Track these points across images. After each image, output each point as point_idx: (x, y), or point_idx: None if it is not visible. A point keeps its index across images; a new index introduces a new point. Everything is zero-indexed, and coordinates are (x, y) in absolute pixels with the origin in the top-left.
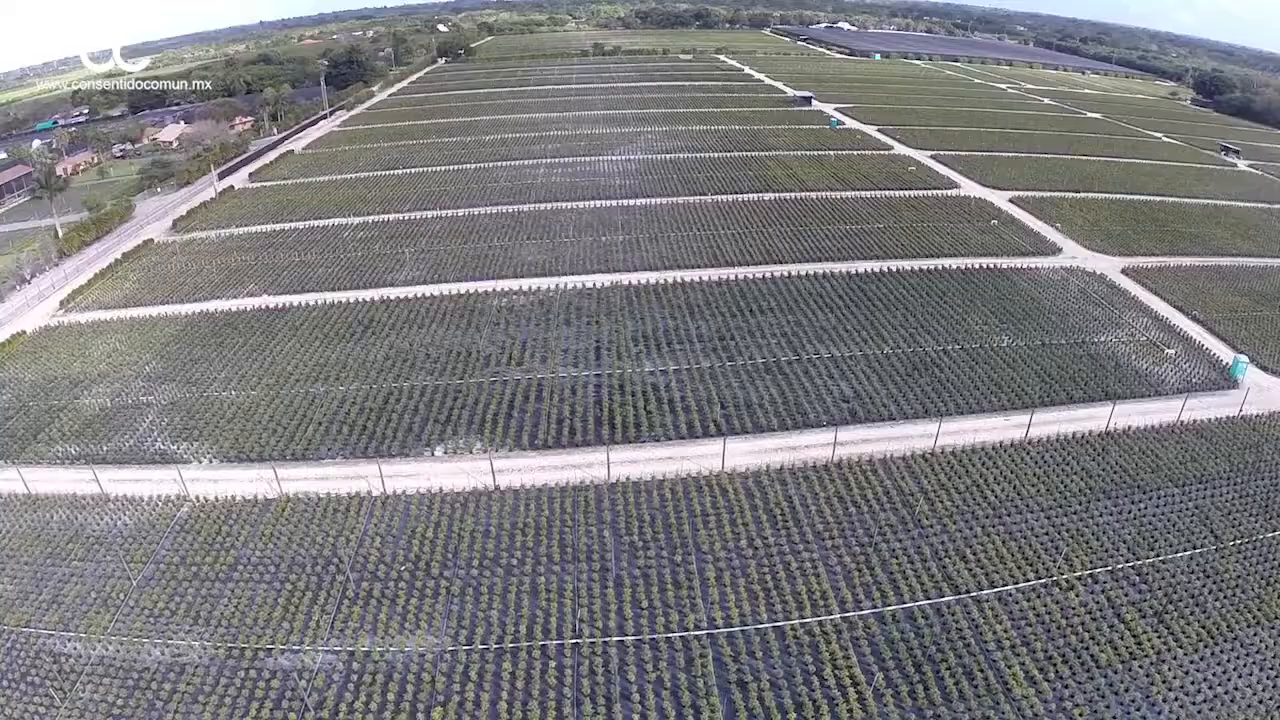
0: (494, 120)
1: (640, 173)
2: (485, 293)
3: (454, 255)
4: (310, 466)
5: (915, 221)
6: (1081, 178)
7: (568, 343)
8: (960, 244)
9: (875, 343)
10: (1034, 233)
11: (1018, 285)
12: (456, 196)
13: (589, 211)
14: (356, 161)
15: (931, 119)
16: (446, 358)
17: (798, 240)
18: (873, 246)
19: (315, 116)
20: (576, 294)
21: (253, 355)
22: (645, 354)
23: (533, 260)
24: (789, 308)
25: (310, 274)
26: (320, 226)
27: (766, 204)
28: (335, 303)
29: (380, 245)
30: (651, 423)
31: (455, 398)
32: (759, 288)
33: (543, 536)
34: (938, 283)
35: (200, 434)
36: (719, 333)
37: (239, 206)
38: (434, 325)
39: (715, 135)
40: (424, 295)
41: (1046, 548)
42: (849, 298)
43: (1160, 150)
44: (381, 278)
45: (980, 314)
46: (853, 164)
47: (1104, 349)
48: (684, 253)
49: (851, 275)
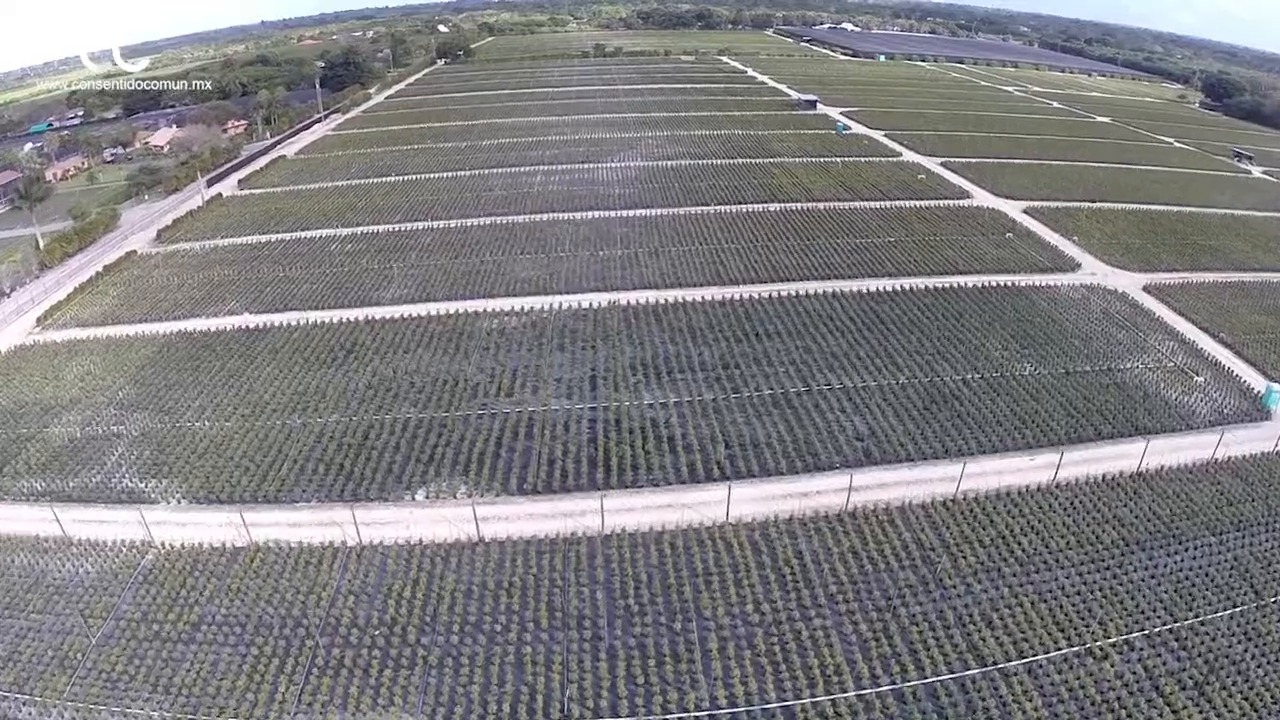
0: (491, 124)
1: (641, 181)
2: (475, 313)
3: (444, 271)
4: (283, 510)
5: (927, 234)
6: (1096, 186)
7: (561, 371)
8: (975, 259)
9: (890, 371)
10: (1051, 247)
11: (1037, 305)
12: (449, 206)
13: (587, 223)
14: (349, 168)
15: (939, 123)
16: (432, 387)
17: (805, 255)
18: (884, 262)
19: (310, 120)
20: (572, 315)
21: (230, 381)
22: (644, 384)
23: (527, 277)
24: (797, 331)
25: (294, 291)
26: (307, 238)
27: (772, 215)
28: (318, 323)
29: (368, 259)
30: (650, 464)
31: (440, 433)
32: (765, 308)
33: (530, 598)
34: (954, 303)
35: (170, 470)
36: (723, 360)
37: (226, 216)
38: (420, 350)
39: (718, 140)
40: (411, 315)
41: (1079, 610)
42: (861, 320)
43: (1172, 156)
44: (368, 295)
45: (1000, 338)
46: (860, 171)
47: (1131, 377)
48: (685, 269)
49: (863, 295)
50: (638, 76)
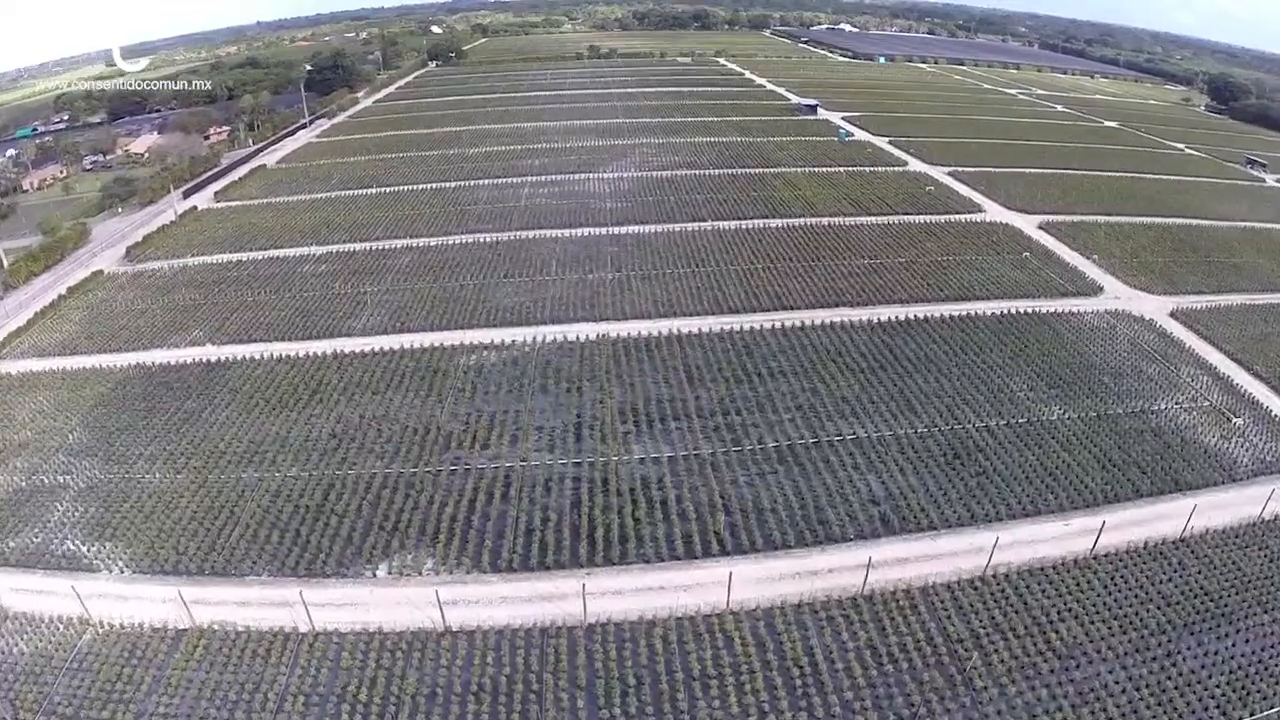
0: (479, 131)
1: (634, 193)
2: (452, 347)
3: (421, 297)
4: (231, 585)
5: (940, 254)
6: (1111, 198)
7: (543, 418)
8: (993, 283)
9: (906, 417)
10: (1071, 267)
11: (1061, 336)
12: (431, 221)
13: (575, 242)
14: (330, 178)
15: (945, 129)
16: (401, 436)
17: (810, 279)
18: (895, 287)
19: (294, 126)
20: (557, 350)
21: (185, 425)
22: (634, 435)
23: (509, 304)
24: (804, 370)
25: (261, 318)
26: (280, 258)
27: (774, 233)
28: (283, 357)
29: (341, 282)
30: (640, 536)
31: (406, 494)
32: (768, 342)
33: (501, 706)
34: (973, 334)
35: (115, 532)
36: (722, 404)
37: (198, 231)
38: (390, 391)
39: (715, 148)
40: (383, 349)
41: (1125, 714)
42: (873, 356)
43: (1184, 164)
44: (338, 324)
45: (1024, 376)
46: (865, 183)
47: (1167, 420)
48: (681, 295)
49: (874, 326)
50: (633, 80)
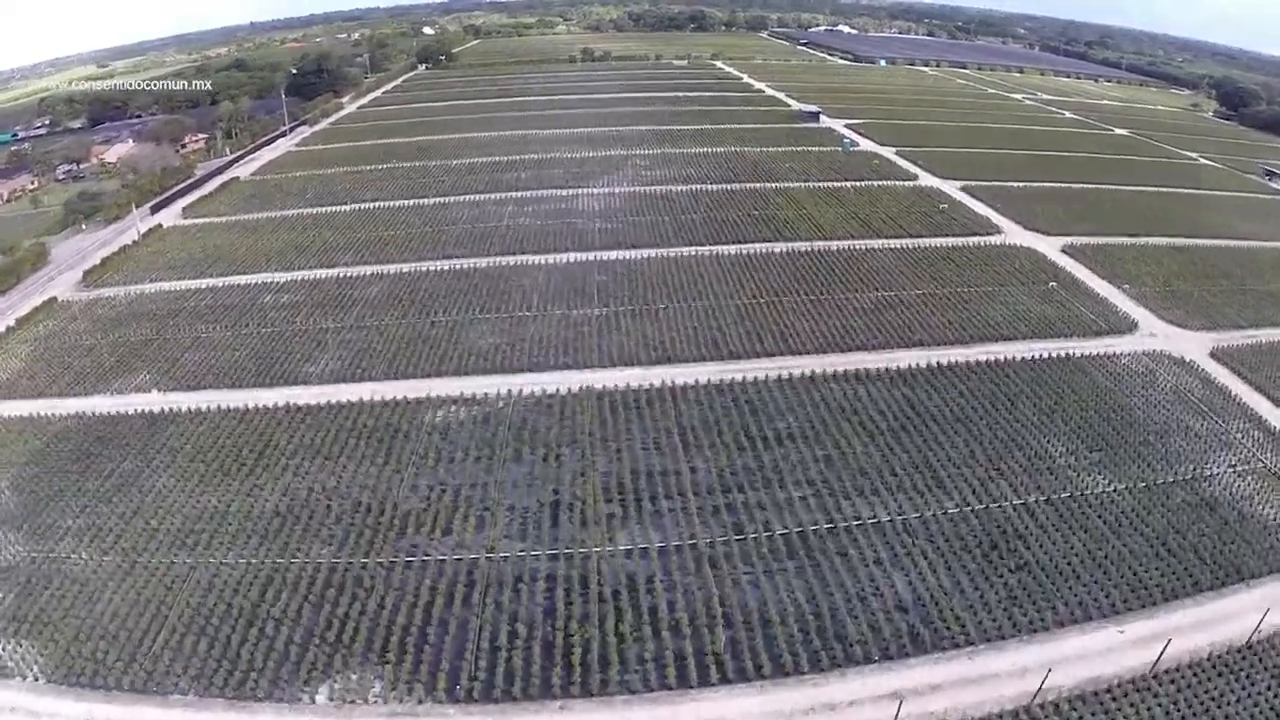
0: (464, 140)
1: (625, 212)
2: (417, 401)
3: (386, 336)
4: (152, 706)
5: (960, 285)
6: (1133, 216)
7: (516, 494)
8: (1019, 318)
9: (935, 494)
10: (1101, 299)
11: (1098, 384)
12: (404, 245)
13: (560, 269)
14: (304, 193)
15: (953, 139)
16: (353, 514)
17: (819, 317)
18: (914, 326)
19: (273, 134)
20: (534, 405)
21: (120, 493)
22: (620, 518)
23: (484, 346)
24: (815, 433)
25: (213, 360)
26: (241, 285)
27: (777, 259)
28: (231, 410)
29: (303, 317)
30: (625, 657)
31: (354, 594)
32: (774, 397)
33: None
34: (1002, 385)
35: (31, 629)
36: (721, 478)
37: (160, 253)
38: (344, 457)
39: (713, 160)
40: (340, 402)
41: None
42: (893, 414)
43: (1202, 176)
44: (294, 369)
45: (1062, 436)
46: (874, 200)
47: (1221, 487)
48: (676, 337)
49: (893, 376)
50: (626, 84)
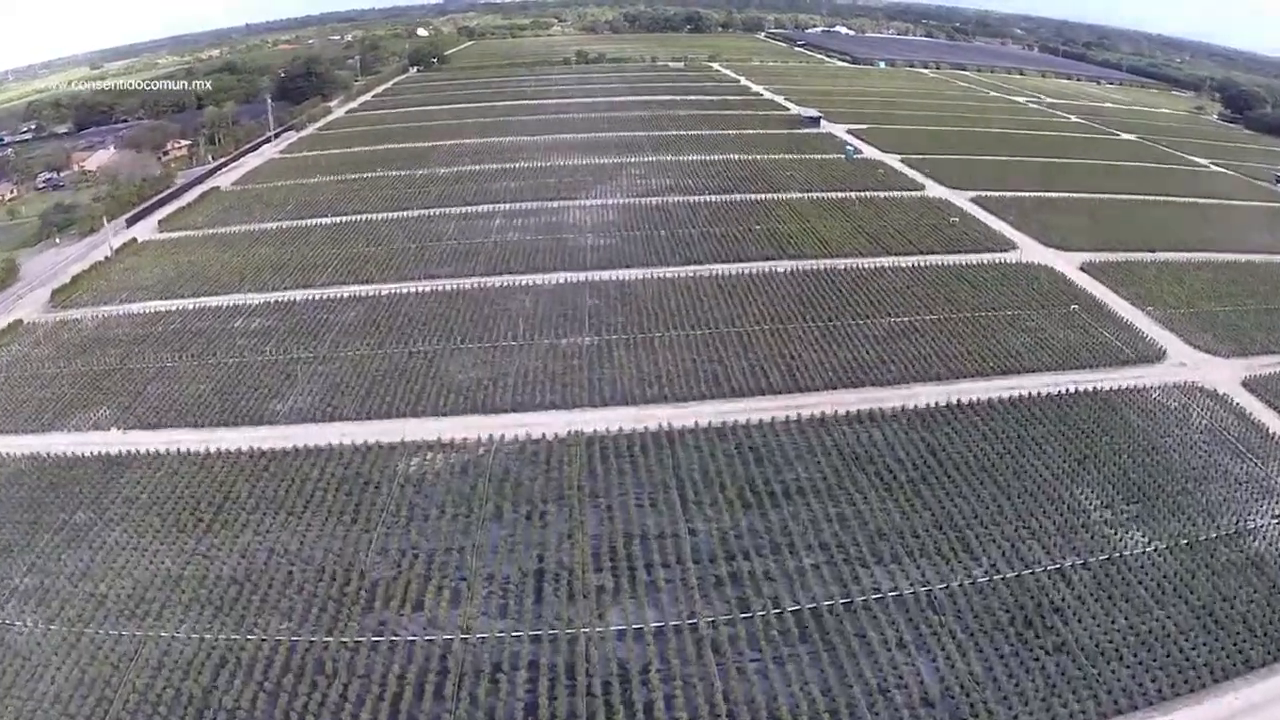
0: (453, 147)
1: (619, 226)
2: (390, 446)
3: (361, 369)
4: None
5: (976, 307)
6: (1151, 228)
7: (495, 561)
8: (1042, 346)
9: (961, 560)
10: (1125, 324)
11: (1130, 424)
12: (385, 263)
13: (549, 291)
14: (285, 204)
15: (959, 145)
16: (315, 583)
17: (828, 347)
18: (930, 358)
19: (258, 140)
20: (517, 453)
21: (70, 549)
22: (612, 591)
23: (465, 381)
24: (828, 486)
25: (176, 394)
26: (212, 308)
27: (782, 281)
28: (191, 453)
29: (274, 345)
30: None
31: (314, 683)
32: (781, 443)
33: None
34: (1029, 426)
35: None
36: (724, 542)
37: (132, 271)
38: (309, 513)
39: (712, 169)
40: (307, 446)
41: None
42: (912, 461)
43: (1214, 183)
44: (260, 406)
45: (1095, 485)
46: (881, 212)
47: (1266, 544)
48: (673, 371)
49: (910, 415)
50: (622, 87)
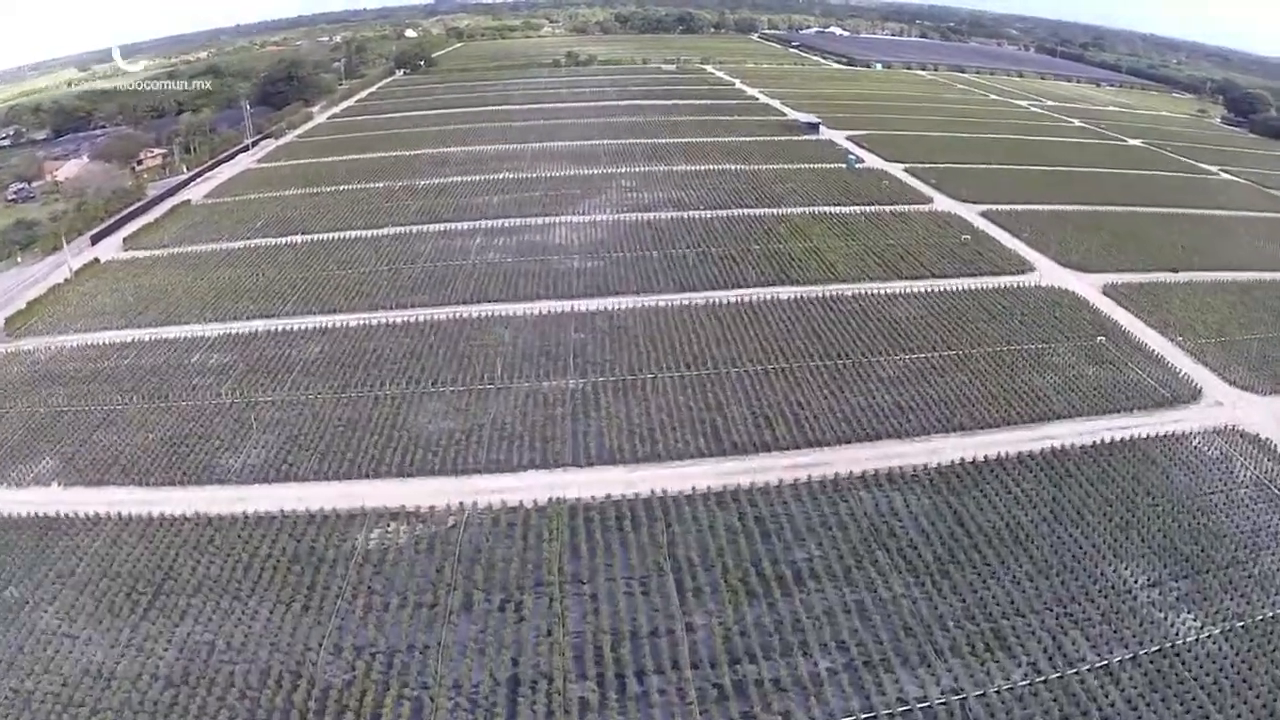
0: (435, 156)
1: (608, 247)
2: (348, 514)
3: (321, 417)
4: None
5: (997, 342)
6: (1171, 247)
7: (463, 663)
8: (1071, 388)
9: (996, 657)
10: (1155, 356)
11: (1172, 480)
12: (355, 289)
13: (531, 324)
14: (256, 220)
15: (965, 153)
16: (260, 687)
17: (840, 391)
18: (952, 402)
19: (234, 149)
20: (491, 524)
21: None
22: (596, 706)
23: (434, 433)
24: (843, 567)
25: (123, 444)
26: (170, 341)
27: (785, 310)
28: (133, 518)
29: (230, 387)
30: None
31: None
32: (790, 512)
33: None
34: (1064, 485)
35: None
36: (728, 640)
37: (91, 296)
38: (254, 597)
39: (706, 180)
40: (257, 513)
41: None
42: (939, 535)
43: (1229, 193)
44: (211, 461)
45: (1139, 558)
46: (888, 230)
47: None
48: (667, 420)
49: (933, 475)
50: (613, 91)
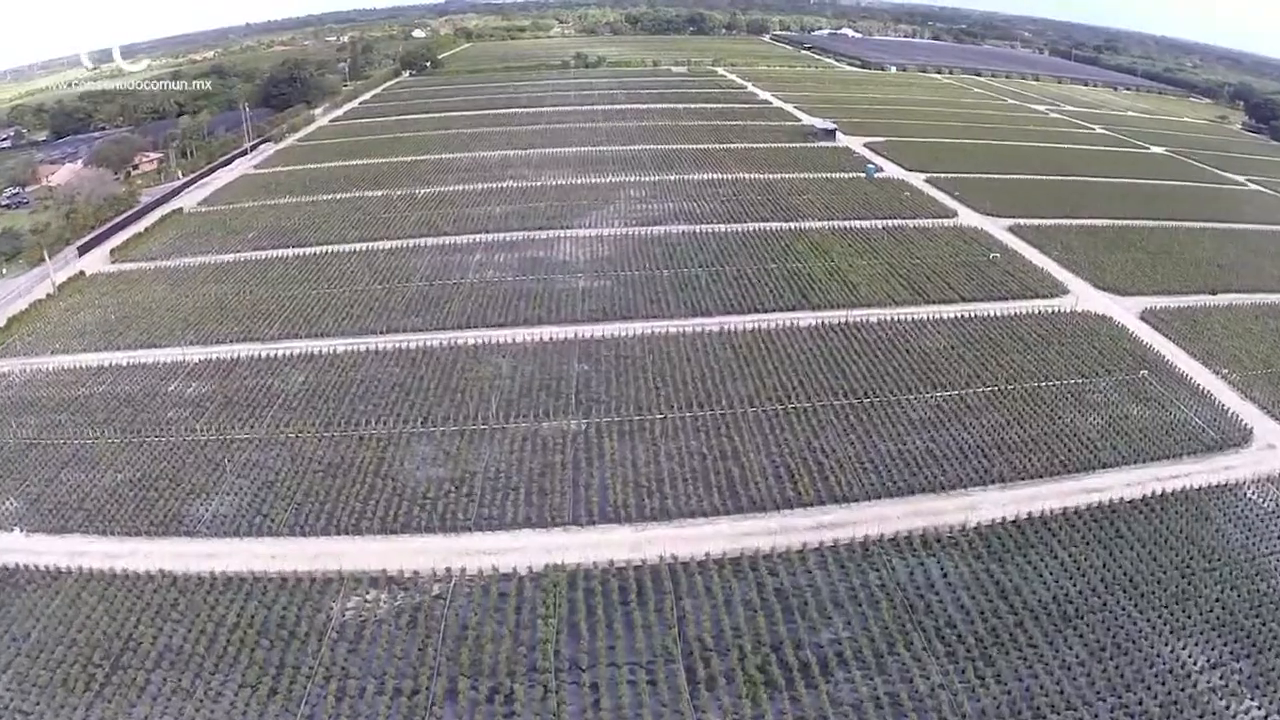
0: (437, 162)
1: (615, 263)
2: (324, 578)
3: (299, 461)
4: None
5: (1034, 375)
6: (1208, 266)
7: None
8: (1114, 429)
9: None
10: (1202, 392)
11: (1228, 540)
12: (344, 310)
13: (531, 353)
14: (249, 230)
15: (986, 162)
16: None
17: (866, 435)
18: (989, 449)
19: (232, 153)
20: (481, 595)
21: None
22: None
23: (420, 483)
24: (875, 653)
25: (90, 485)
26: (148, 366)
27: (805, 339)
28: (95, 573)
29: (206, 423)
30: None
31: None
32: (815, 584)
33: None
34: (1115, 548)
35: None
36: None
37: (72, 312)
38: (219, 676)
39: (721, 190)
40: (225, 572)
41: None
42: (980, 611)
43: (1260, 206)
44: (180, 508)
45: (1196, 632)
46: (912, 246)
47: None
48: (677, 469)
49: (971, 537)
50: (622, 95)
